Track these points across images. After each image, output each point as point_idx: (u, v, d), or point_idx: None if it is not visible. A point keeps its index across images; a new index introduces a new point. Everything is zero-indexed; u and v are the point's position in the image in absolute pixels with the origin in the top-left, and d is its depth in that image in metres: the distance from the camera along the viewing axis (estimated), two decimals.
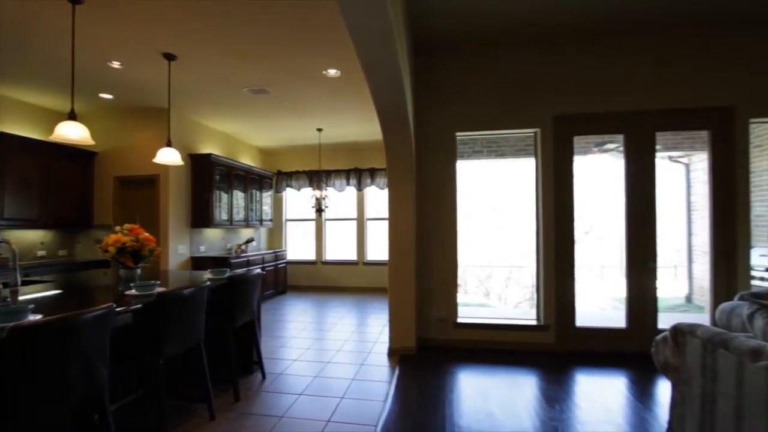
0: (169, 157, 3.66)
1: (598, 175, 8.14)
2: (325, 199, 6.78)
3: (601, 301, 8.82)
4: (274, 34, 3.24)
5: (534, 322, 3.92)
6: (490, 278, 11.20)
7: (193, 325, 2.44)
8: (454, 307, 3.97)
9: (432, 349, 3.85)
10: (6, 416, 1.42)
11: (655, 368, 2.02)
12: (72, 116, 2.68)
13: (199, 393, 2.57)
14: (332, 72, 3.99)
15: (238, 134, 6.71)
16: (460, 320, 3.96)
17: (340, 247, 7.97)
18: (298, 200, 8.11)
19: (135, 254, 2.83)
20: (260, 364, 3.23)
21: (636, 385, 3.03)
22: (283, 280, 7.34)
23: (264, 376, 3.22)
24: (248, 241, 6.67)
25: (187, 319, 2.36)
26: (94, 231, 5.35)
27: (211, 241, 6.15)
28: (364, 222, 7.72)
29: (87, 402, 1.78)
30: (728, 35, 3.52)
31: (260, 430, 2.39)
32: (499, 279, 11.10)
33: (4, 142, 4.27)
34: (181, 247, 5.41)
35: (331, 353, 3.86)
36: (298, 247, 8.27)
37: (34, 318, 1.72)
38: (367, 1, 1.98)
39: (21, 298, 2.30)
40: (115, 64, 3.78)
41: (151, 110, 5.10)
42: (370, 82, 2.80)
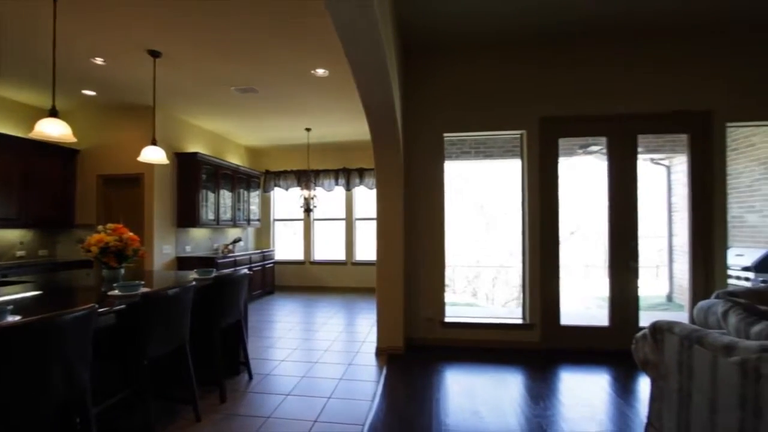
0: (154, 155, 3.60)
1: (583, 177, 8.30)
2: (314, 198, 6.76)
3: (586, 299, 8.99)
4: (261, 32, 3.22)
5: (520, 321, 3.98)
6: (478, 278, 11.32)
7: (178, 326, 2.41)
8: (441, 306, 4.00)
9: (420, 349, 3.88)
10: None
11: (637, 365, 2.08)
12: (53, 113, 2.62)
13: (185, 394, 2.54)
14: (321, 71, 3.98)
15: (226, 133, 6.64)
16: (447, 320, 4.00)
17: (329, 247, 7.95)
18: (286, 200, 8.06)
19: (118, 254, 2.79)
20: (247, 364, 3.21)
21: (618, 382, 3.11)
22: (271, 281, 7.29)
23: (251, 377, 3.19)
24: (235, 241, 6.61)
25: (171, 320, 2.34)
26: (76, 230, 5.23)
27: (198, 241, 6.07)
28: (353, 222, 7.72)
29: (68, 404, 1.75)
30: (706, 42, 3.63)
31: (246, 431, 2.38)
32: (487, 279, 11.22)
33: None
34: (166, 247, 5.33)
35: (318, 353, 3.85)
36: (287, 247, 8.22)
37: (13, 319, 1.68)
38: (354, 1, 1.98)
39: None
40: (98, 61, 3.71)
41: (136, 108, 5.02)
42: (358, 82, 2.81)
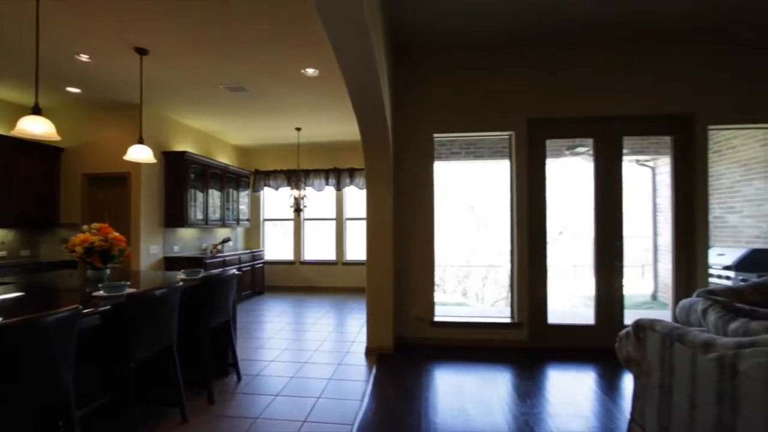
0: (140, 154, 3.55)
1: (571, 178, 8.42)
2: (304, 198, 6.74)
3: (574, 298, 9.12)
4: (251, 30, 3.20)
5: (508, 320, 4.02)
6: (468, 277, 11.40)
7: (165, 327, 2.39)
8: (431, 306, 4.03)
9: (409, 348, 3.89)
10: None
11: (621, 363, 2.12)
12: (36, 110, 2.56)
13: (172, 396, 2.52)
14: (311, 71, 3.97)
15: (215, 132, 6.57)
16: (437, 319, 4.02)
17: (319, 247, 7.93)
18: (276, 200, 8.02)
19: (104, 254, 2.75)
20: (236, 365, 3.19)
21: (603, 380, 3.16)
22: (261, 281, 7.24)
23: (239, 378, 3.17)
24: (224, 241, 6.55)
25: (158, 321, 2.31)
26: (60, 230, 5.13)
27: (186, 241, 6.00)
28: (343, 222, 7.70)
29: (51, 407, 1.72)
30: (689, 48, 3.72)
31: None
32: (477, 278, 11.31)
33: None
34: (153, 247, 5.26)
35: (308, 353, 3.84)
36: (277, 247, 8.17)
37: None
38: (344, 3, 1.99)
39: None
40: (83, 58, 3.64)
41: (122, 106, 4.94)
42: (348, 82, 2.81)
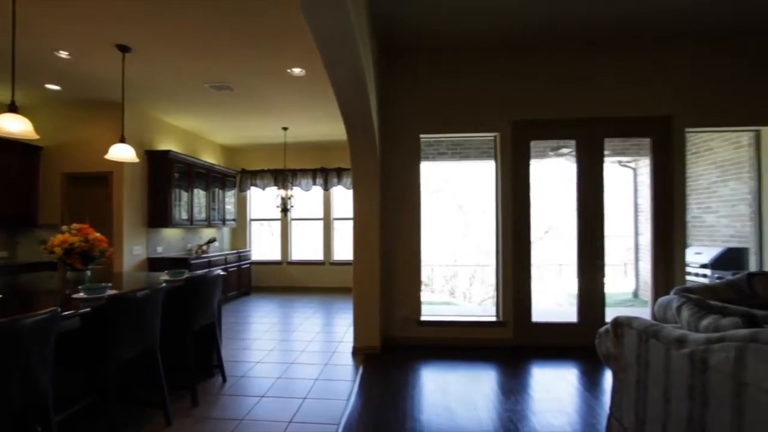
0: (122, 153, 3.49)
1: (556, 178, 8.57)
2: (291, 198, 6.70)
3: (559, 297, 9.28)
4: (236, 29, 3.17)
5: (493, 319, 4.08)
6: (456, 277, 11.49)
7: (148, 330, 2.35)
8: (418, 305, 4.06)
9: (396, 348, 3.91)
10: None
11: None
12: (12, 108, 2.50)
13: (155, 398, 2.49)
14: (297, 71, 3.96)
15: (200, 131, 6.49)
16: (423, 318, 4.05)
17: (307, 247, 7.90)
18: (263, 200, 7.95)
19: (84, 255, 2.69)
20: (221, 367, 3.16)
21: (585, 376, 3.24)
22: (247, 281, 7.18)
23: (224, 380, 3.15)
24: (210, 242, 6.47)
25: (140, 323, 2.28)
26: (39, 231, 5.00)
27: (170, 241, 5.91)
28: (331, 222, 7.69)
29: (29, 412, 1.68)
30: (668, 52, 3.82)
31: None
32: (465, 278, 11.41)
33: None
34: (136, 248, 5.17)
35: (295, 354, 3.83)
36: (264, 247, 8.11)
37: None
38: (328, 1, 1.99)
39: None
40: (63, 54, 3.56)
41: (104, 103, 4.84)
42: (334, 82, 2.82)
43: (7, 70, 3.60)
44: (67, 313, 1.93)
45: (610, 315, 3.87)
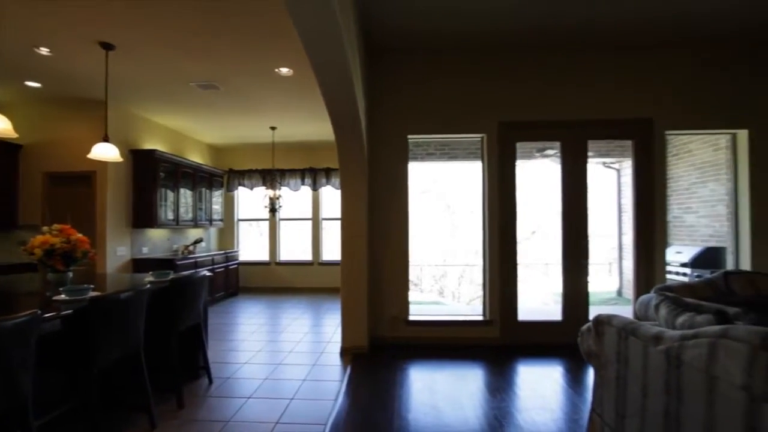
0: (106, 152, 3.43)
1: (543, 179, 8.69)
2: (279, 198, 6.66)
3: (545, 296, 9.41)
4: (223, 28, 3.15)
5: (480, 318, 4.12)
6: (445, 277, 11.56)
7: (131, 331, 2.32)
8: (406, 305, 4.08)
9: (384, 347, 3.93)
10: None
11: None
12: None
13: (140, 401, 2.46)
14: (284, 71, 3.94)
15: (186, 130, 6.40)
16: (411, 318, 4.07)
17: (295, 248, 7.86)
18: (251, 200, 7.89)
19: (66, 256, 2.64)
20: (207, 368, 3.13)
21: (569, 374, 3.30)
22: (235, 282, 7.11)
23: (211, 381, 3.12)
24: (196, 242, 6.39)
25: (124, 325, 2.25)
26: (18, 232, 4.87)
27: (155, 242, 5.82)
28: (320, 222, 7.67)
29: (8, 416, 1.65)
30: (649, 56, 3.91)
31: None
32: (453, 277, 11.49)
33: None
34: (120, 249, 5.08)
35: (282, 355, 3.81)
36: (252, 247, 8.04)
37: None
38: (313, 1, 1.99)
39: None
40: (43, 51, 3.48)
41: (87, 102, 4.74)
42: (321, 82, 2.81)
43: None
44: (47, 315, 1.90)
45: (593, 313, 3.95)
